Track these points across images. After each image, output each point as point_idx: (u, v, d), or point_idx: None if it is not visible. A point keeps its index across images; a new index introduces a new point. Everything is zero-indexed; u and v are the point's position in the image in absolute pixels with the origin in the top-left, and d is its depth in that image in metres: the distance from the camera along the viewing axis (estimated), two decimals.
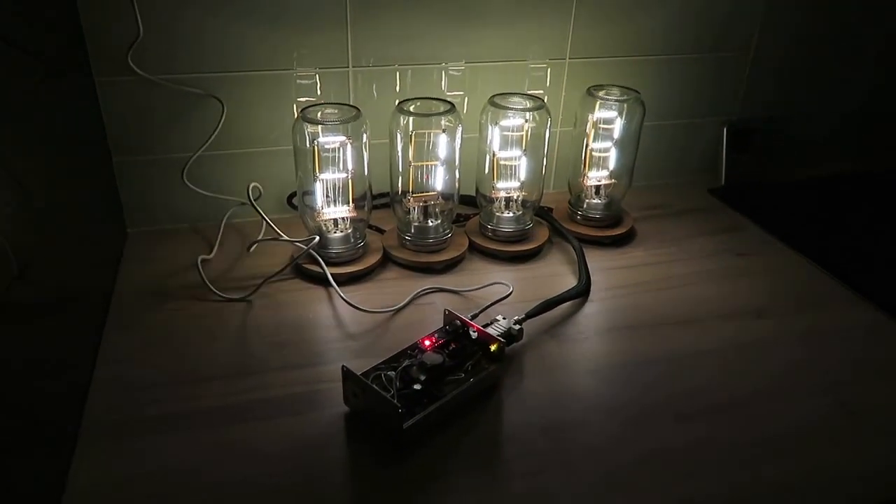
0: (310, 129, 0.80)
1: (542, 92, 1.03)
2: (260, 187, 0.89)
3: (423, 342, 0.69)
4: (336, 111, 0.82)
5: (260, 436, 0.62)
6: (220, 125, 0.88)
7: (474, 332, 0.70)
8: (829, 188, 1.15)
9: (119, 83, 0.85)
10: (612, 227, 0.97)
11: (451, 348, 0.69)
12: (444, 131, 0.85)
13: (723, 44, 1.07)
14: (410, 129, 0.84)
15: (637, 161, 1.09)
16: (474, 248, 0.92)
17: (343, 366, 0.63)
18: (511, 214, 0.92)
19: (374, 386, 0.61)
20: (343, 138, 0.81)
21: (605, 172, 0.96)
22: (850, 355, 0.76)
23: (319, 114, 0.81)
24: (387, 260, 0.89)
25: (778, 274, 0.91)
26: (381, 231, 0.94)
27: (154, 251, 0.90)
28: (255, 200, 0.88)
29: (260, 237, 0.89)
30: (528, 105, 0.88)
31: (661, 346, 0.76)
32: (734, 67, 1.09)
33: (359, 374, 0.63)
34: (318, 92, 0.93)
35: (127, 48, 0.81)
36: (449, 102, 0.86)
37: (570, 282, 0.86)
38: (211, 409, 0.65)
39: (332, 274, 0.83)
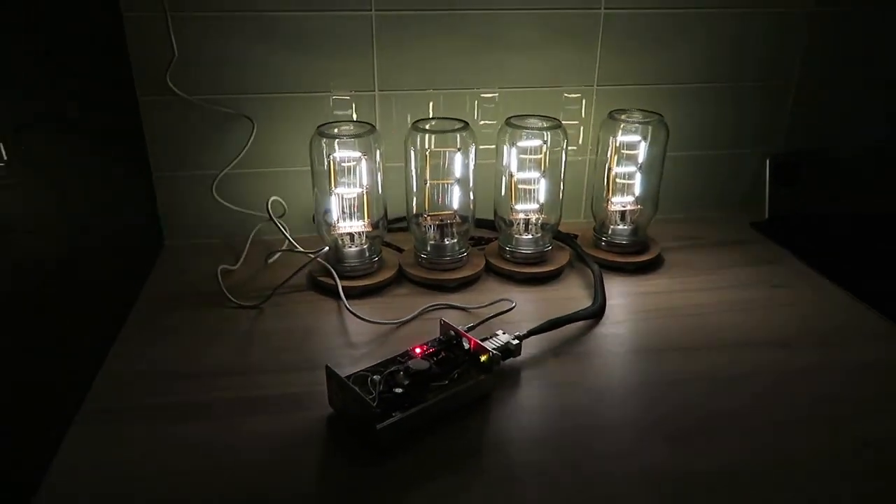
0: (326, 144, 0.83)
1: (577, 122, 1.04)
2: (283, 203, 0.93)
3: (414, 350, 0.69)
4: (351, 128, 0.85)
5: (243, 430, 0.63)
6: (249, 143, 0.93)
7: (468, 342, 0.69)
8: (877, 223, 1.08)
9: (159, 102, 0.91)
10: (637, 254, 0.94)
11: (440, 357, 0.68)
12: (459, 150, 0.86)
13: (764, 73, 1.04)
14: (426, 147, 0.86)
15: (675, 192, 1.08)
16: (491, 270, 0.92)
17: (327, 365, 0.64)
18: (530, 237, 0.92)
19: (352, 385, 0.61)
20: (358, 154, 0.84)
21: (629, 198, 0.94)
22: (879, 390, 0.70)
23: (336, 129, 0.84)
24: (401, 277, 0.90)
25: (813, 306, 0.85)
26: (399, 250, 0.95)
27: (184, 261, 0.94)
28: (280, 217, 0.93)
29: (279, 250, 0.92)
30: (545, 125, 0.88)
31: (671, 370, 0.73)
32: (777, 98, 1.06)
33: (350, 375, 0.64)
34: (354, 115, 0.97)
35: (163, 69, 0.88)
36: (463, 121, 0.87)
37: (585, 305, 0.83)
38: (202, 403, 0.67)
39: (345, 287, 0.84)
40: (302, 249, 0.87)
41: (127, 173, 0.92)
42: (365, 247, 0.88)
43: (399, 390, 0.63)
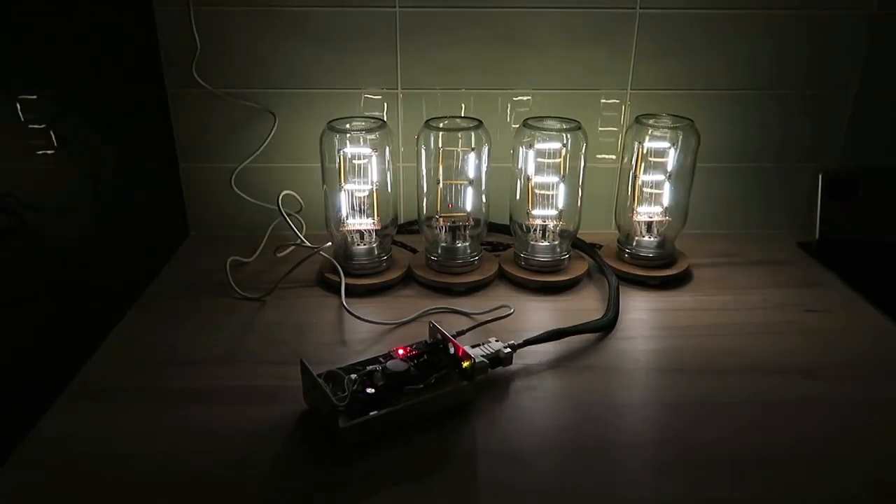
0: (337, 139, 0.82)
1: (615, 129, 0.99)
2: (299, 199, 0.93)
3: (397, 350, 0.67)
4: (363, 123, 0.84)
5: (214, 419, 0.63)
6: (269, 137, 0.94)
7: (454, 347, 0.66)
8: None
9: (187, 94, 0.93)
10: (662, 269, 0.89)
11: (422, 359, 0.66)
12: (472, 150, 0.83)
13: (819, 80, 0.96)
14: (439, 147, 0.84)
15: (717, 206, 1.02)
16: (504, 276, 0.89)
17: (301, 360, 0.62)
18: (546, 244, 0.88)
19: (321, 382, 0.60)
20: (369, 150, 0.83)
21: (657, 208, 0.89)
22: None
23: (348, 125, 0.83)
24: (409, 278, 0.88)
25: (849, 334, 0.77)
26: (413, 251, 0.93)
27: (203, 251, 0.96)
28: (297, 212, 0.93)
29: (292, 244, 0.92)
30: (564, 127, 0.84)
31: (680, 392, 0.68)
32: (833, 108, 0.98)
33: (324, 372, 0.62)
34: (385, 115, 0.96)
35: (191, 62, 0.89)
36: (477, 120, 0.84)
37: (597, 318, 0.79)
38: (184, 389, 0.67)
39: (351, 285, 0.83)
40: (309, 244, 0.86)
41: (155, 164, 0.94)
42: (374, 245, 0.87)
43: (371, 390, 0.61)
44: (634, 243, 0.90)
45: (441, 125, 0.84)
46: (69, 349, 0.70)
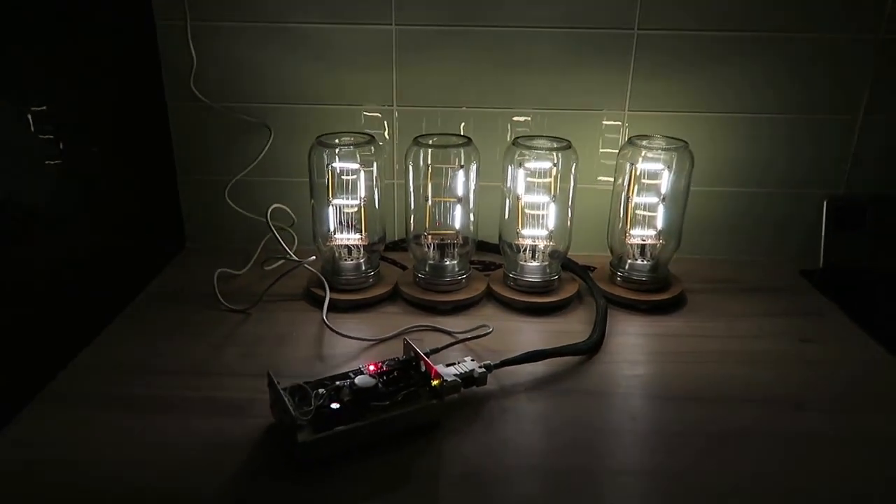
0: (327, 155, 0.82)
1: (615, 150, 0.98)
2: (291, 213, 0.93)
3: (368, 366, 0.66)
4: (351, 139, 0.84)
5: (179, 429, 0.62)
6: (263, 151, 0.94)
7: (424, 365, 0.65)
8: None
9: (186, 107, 0.94)
10: (654, 293, 0.87)
11: (392, 376, 0.65)
12: (461, 167, 0.83)
13: (824, 105, 0.94)
14: (428, 163, 0.84)
15: (719, 231, 1.00)
16: (492, 296, 0.87)
17: (268, 372, 0.62)
18: (536, 264, 0.86)
19: (283, 395, 0.59)
20: (356, 165, 0.83)
21: (650, 231, 0.87)
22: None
23: (337, 140, 0.84)
24: (396, 295, 0.87)
25: (844, 366, 0.74)
26: (403, 267, 0.93)
27: (197, 263, 0.97)
28: (290, 226, 0.93)
29: (281, 258, 0.91)
30: (554, 146, 0.84)
31: (658, 420, 0.66)
32: (839, 134, 0.95)
33: (289, 386, 0.62)
34: (386, 132, 0.96)
35: (189, 76, 0.91)
36: (466, 137, 0.84)
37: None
38: (156, 398, 0.67)
39: (336, 300, 0.83)
40: (295, 258, 0.86)
41: (154, 175, 0.95)
42: (362, 261, 0.86)
43: (336, 406, 0.60)
44: (627, 266, 0.88)
45: (430, 142, 0.84)
46: (51, 354, 0.71)
